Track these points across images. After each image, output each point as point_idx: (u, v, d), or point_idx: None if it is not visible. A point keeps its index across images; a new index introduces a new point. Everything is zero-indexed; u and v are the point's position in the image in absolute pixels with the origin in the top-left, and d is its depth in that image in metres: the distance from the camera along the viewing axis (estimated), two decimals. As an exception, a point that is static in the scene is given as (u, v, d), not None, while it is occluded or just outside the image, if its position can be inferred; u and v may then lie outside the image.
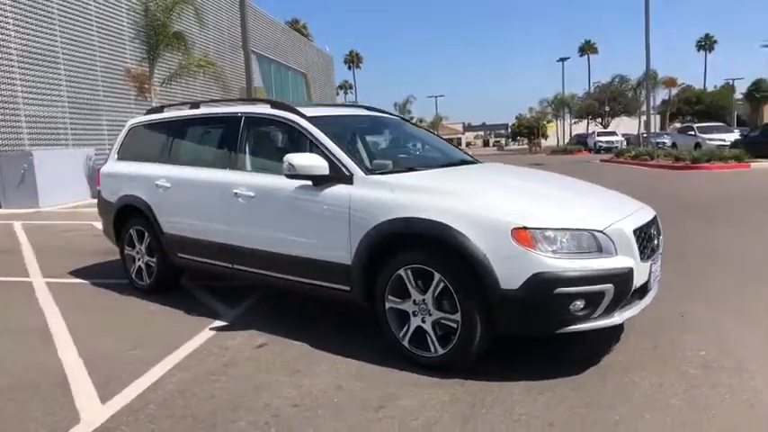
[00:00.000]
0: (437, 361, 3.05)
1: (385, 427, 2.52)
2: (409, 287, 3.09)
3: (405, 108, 58.47)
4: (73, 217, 10.49)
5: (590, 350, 3.28)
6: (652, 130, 26.62)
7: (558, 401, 2.71)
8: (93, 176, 13.96)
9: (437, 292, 2.99)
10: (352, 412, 2.67)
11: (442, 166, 3.98)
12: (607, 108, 52.55)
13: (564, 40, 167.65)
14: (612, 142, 35.88)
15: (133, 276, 4.94)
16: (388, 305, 3.20)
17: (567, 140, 49.46)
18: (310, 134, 3.65)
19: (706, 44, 65.04)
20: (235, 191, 3.89)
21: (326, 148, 3.53)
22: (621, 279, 2.84)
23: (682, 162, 18.22)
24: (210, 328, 3.91)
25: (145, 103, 14.16)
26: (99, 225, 9.34)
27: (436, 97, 71.55)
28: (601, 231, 2.87)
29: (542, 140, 54.64)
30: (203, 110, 4.71)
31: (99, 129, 15.12)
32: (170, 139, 4.75)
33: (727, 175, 15.26)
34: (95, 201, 12.72)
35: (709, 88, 59.90)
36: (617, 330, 3.49)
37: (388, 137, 5.02)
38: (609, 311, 2.88)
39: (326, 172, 3.40)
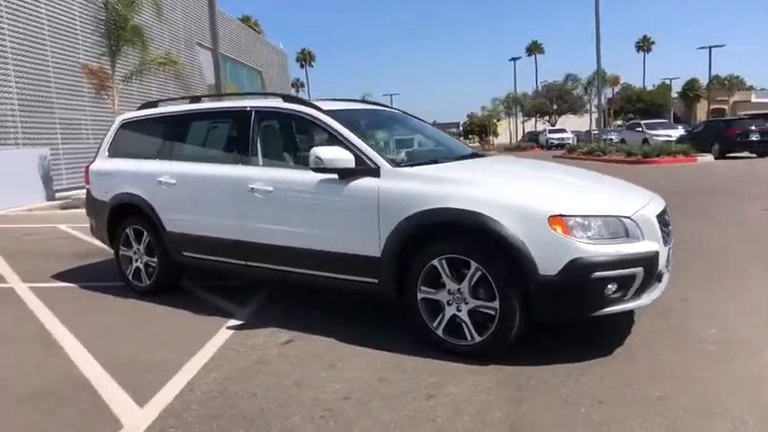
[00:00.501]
0: (473, 349, 3.10)
1: (442, 414, 2.55)
2: (444, 277, 3.13)
3: (361, 106, 58.32)
4: (32, 220, 9.93)
5: (610, 333, 3.43)
6: (598, 128, 27.82)
7: (597, 381, 2.82)
8: (49, 178, 13.28)
9: (474, 280, 3.05)
10: (404, 402, 2.68)
11: (460, 158, 4.04)
12: (555, 106, 54.52)
13: (512, 39, 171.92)
14: (564, 139, 37.31)
15: (130, 278, 4.74)
16: (420, 296, 3.22)
17: (518, 138, 50.83)
18: (331, 128, 3.62)
19: (644, 45, 68.46)
20: (250, 186, 3.80)
21: (350, 142, 3.51)
22: (650, 262, 2.99)
23: (634, 157, 19.15)
24: (228, 328, 3.82)
25: (102, 100, 13.55)
26: (64, 227, 9.00)
27: (391, 95, 71.86)
28: (628, 217, 3.01)
29: (494, 138, 55.86)
30: (206, 104, 4.57)
31: (52, 127, 14.32)
32: (171, 134, 4.57)
33: (677, 169, 16.19)
34: (53, 203, 12.22)
35: (648, 87, 63.12)
36: (628, 314, 3.65)
37: (397, 130, 5.04)
38: (638, 294, 3.02)
39: (353, 165, 3.39)
